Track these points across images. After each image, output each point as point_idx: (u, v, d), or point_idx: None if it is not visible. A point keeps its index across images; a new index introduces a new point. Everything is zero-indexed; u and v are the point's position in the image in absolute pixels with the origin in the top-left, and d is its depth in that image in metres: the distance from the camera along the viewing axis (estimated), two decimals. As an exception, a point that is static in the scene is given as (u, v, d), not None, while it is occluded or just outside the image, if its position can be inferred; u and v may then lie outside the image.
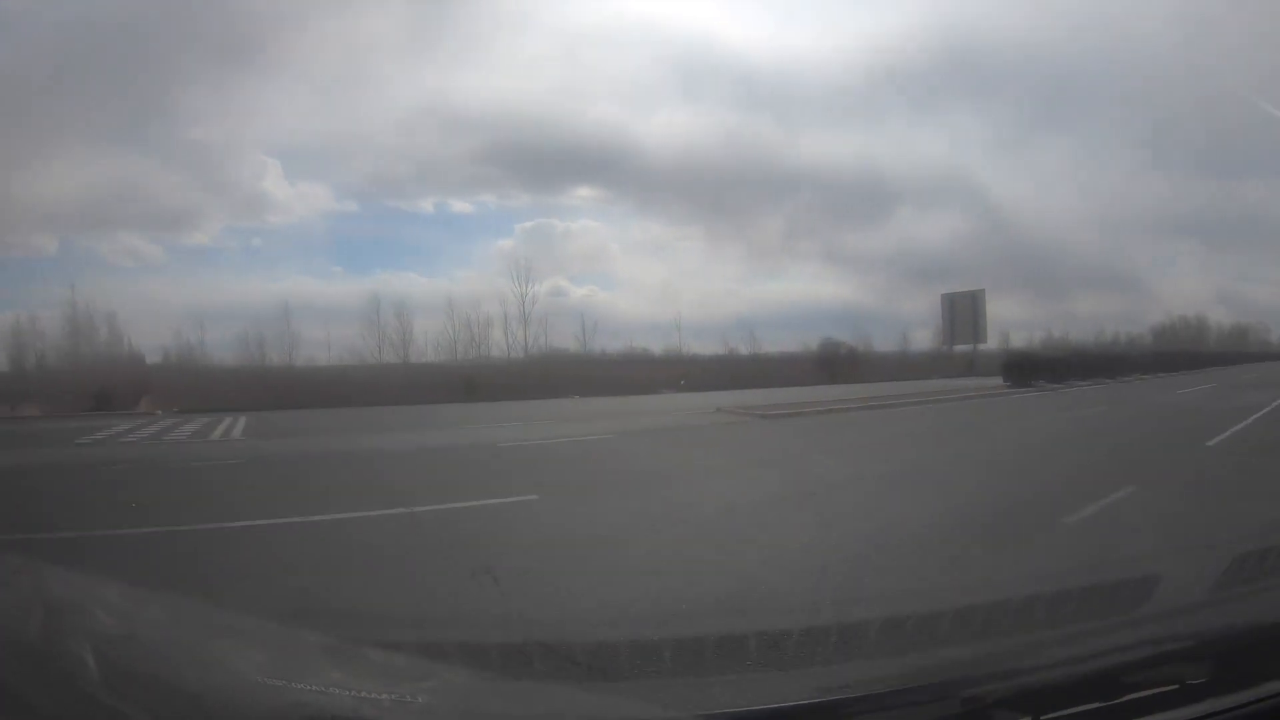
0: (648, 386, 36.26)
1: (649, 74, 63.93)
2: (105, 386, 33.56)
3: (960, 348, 39.67)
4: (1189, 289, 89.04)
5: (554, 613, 4.67)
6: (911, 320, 62.61)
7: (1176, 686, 1.82)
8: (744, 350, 50.98)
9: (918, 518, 7.30)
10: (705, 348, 52.01)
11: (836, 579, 5.19)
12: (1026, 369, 34.01)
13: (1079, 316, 72.31)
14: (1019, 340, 49.43)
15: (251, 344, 44.78)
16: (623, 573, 5.76)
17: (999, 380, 33.69)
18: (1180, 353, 54.61)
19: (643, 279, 62.70)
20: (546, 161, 61.45)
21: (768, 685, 3.03)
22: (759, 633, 3.62)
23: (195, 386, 36.29)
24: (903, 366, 46.51)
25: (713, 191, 64.34)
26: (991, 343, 43.84)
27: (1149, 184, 70.98)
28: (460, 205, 56.38)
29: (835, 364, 45.21)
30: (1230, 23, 64.62)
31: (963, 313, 32.59)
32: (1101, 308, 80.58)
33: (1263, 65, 66.23)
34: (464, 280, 58.07)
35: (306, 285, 58.91)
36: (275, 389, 34.86)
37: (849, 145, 67.06)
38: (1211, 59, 65.52)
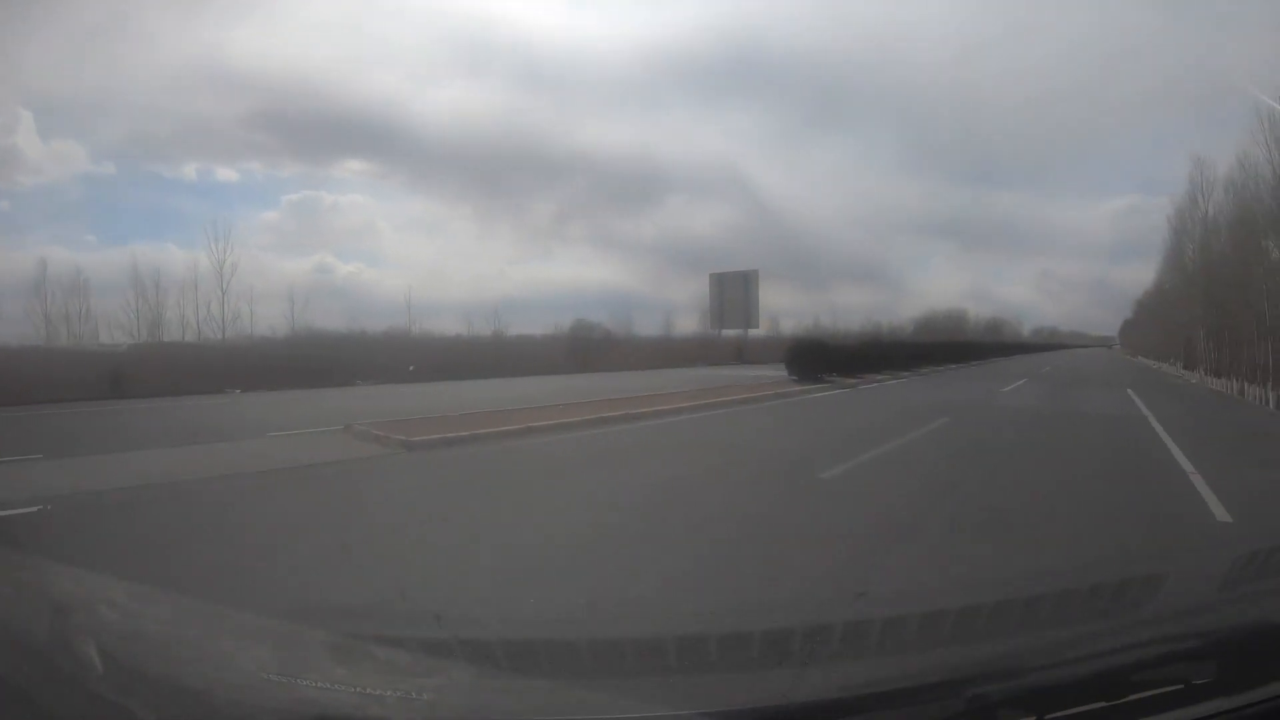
0: (371, 373, 28.23)
1: (433, 47, 62.19)
2: None
3: (729, 332, 35.60)
4: (945, 285, 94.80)
5: None
6: (680, 306, 63.96)
7: (1181, 686, 1.82)
8: (501, 333, 46.16)
9: None
10: (453, 329, 47.71)
11: None
12: (816, 360, 27.81)
13: (842, 307, 73.04)
14: (791, 327, 46.34)
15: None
16: None
17: (778, 371, 28.27)
18: (971, 344, 55.84)
19: (413, 258, 60.52)
20: (319, 131, 58.15)
21: (774, 682, 3.02)
22: (765, 631, 3.62)
23: None
24: (665, 352, 41.62)
25: (487, 171, 62.21)
26: (762, 329, 41.50)
27: (911, 187, 74.77)
28: (226, 173, 52.98)
29: (588, 348, 39.93)
30: (993, 48, 68.05)
31: (733, 295, 28.98)
32: (863, 300, 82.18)
33: (1021, 87, 70.57)
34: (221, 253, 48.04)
35: (57, 254, 51.39)
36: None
37: (626, 133, 67.33)
38: (974, 78, 69.01)
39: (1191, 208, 36.18)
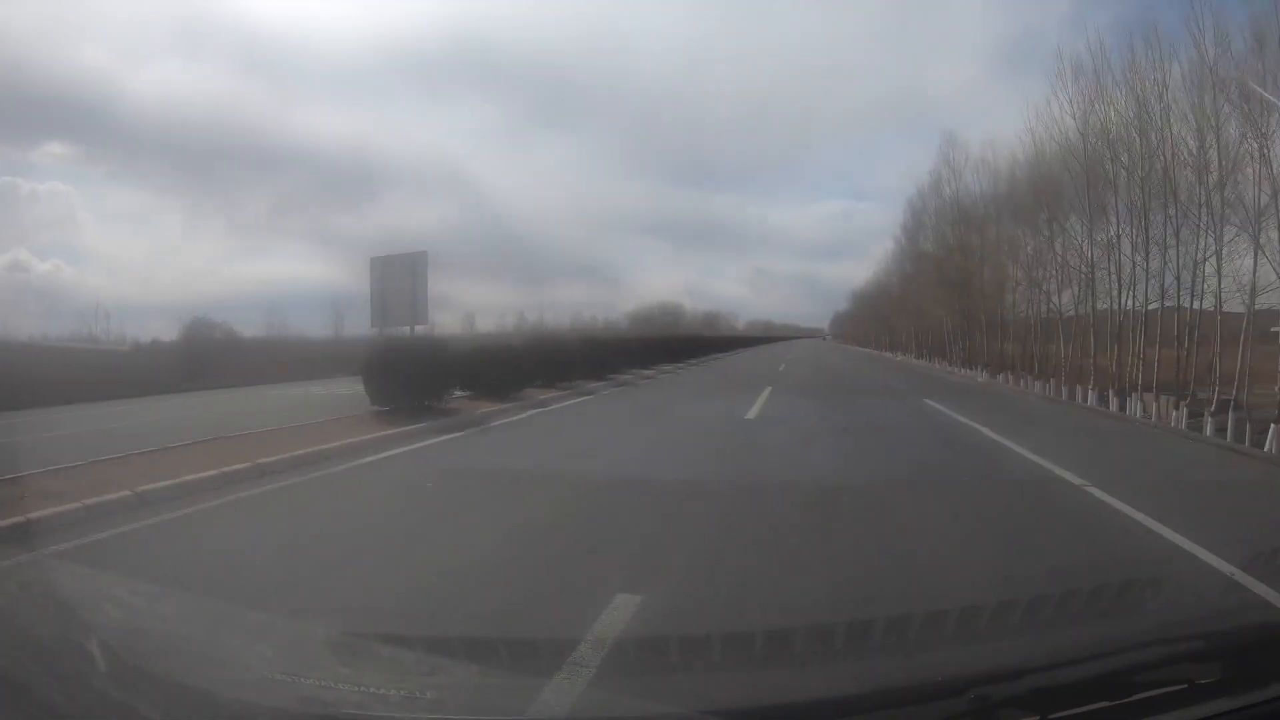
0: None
1: (145, 20, 54.93)
2: None
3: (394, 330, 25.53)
4: (663, 281, 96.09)
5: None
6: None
7: (1185, 686, 1.81)
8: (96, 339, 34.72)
9: None
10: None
11: None
12: (420, 376, 15.05)
13: (559, 304, 72.43)
14: (489, 325, 40.65)
15: None
16: None
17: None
18: (689, 338, 48.96)
19: (119, 254, 53.41)
20: (13, 108, 47.06)
21: (777, 681, 3.02)
22: (767, 630, 3.62)
23: None
24: (327, 357, 29.62)
25: (201, 160, 55.47)
26: (452, 324, 35.69)
27: (632, 187, 75.00)
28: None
29: (204, 357, 29.58)
30: (715, 59, 68.77)
31: (398, 284, 21.13)
32: (583, 297, 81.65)
33: (741, 97, 71.81)
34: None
35: None
36: None
37: (347, 124, 62.95)
38: (696, 86, 70.52)
39: (936, 187, 34.06)
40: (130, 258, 53.76)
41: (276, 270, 61.89)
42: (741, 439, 12.24)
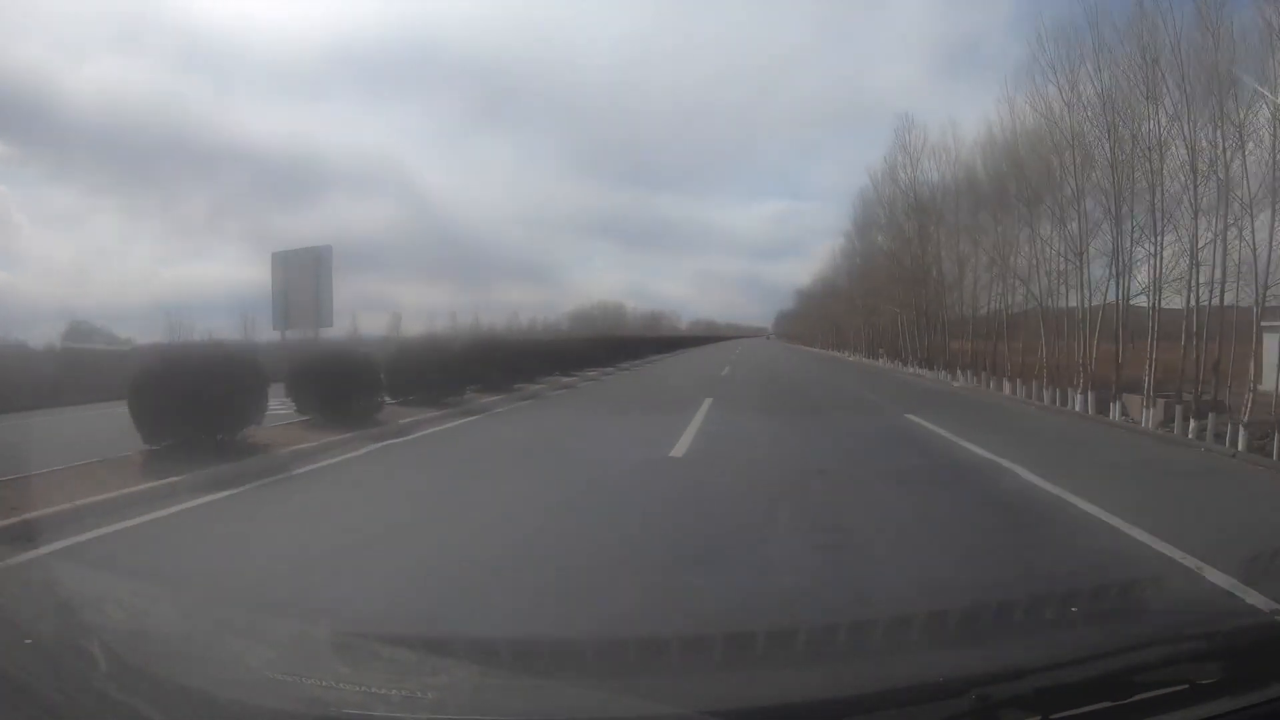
0: None
1: (84, 16, 53.30)
2: None
3: (296, 334, 19.84)
4: (606, 282, 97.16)
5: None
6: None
7: (1186, 686, 1.82)
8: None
9: None
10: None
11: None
12: (204, 395, 9.82)
13: (501, 304, 72.12)
14: (416, 328, 39.17)
15: None
16: None
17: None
18: (625, 339, 45.64)
19: (52, 257, 51.80)
20: None
21: (778, 681, 3.02)
22: (769, 630, 3.62)
23: None
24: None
25: (140, 160, 54.98)
26: (375, 328, 32.99)
27: (575, 188, 74.92)
28: None
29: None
30: (657, 60, 69.30)
31: (301, 282, 18.62)
32: (524, 297, 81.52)
33: (682, 98, 72.46)
34: None
35: None
36: None
37: (289, 124, 62.42)
38: (638, 87, 71.21)
39: (891, 174, 33.08)
40: (66, 261, 52.76)
41: (205, 274, 59.60)
42: (655, 506, 7.68)
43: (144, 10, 58.62)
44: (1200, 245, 15.49)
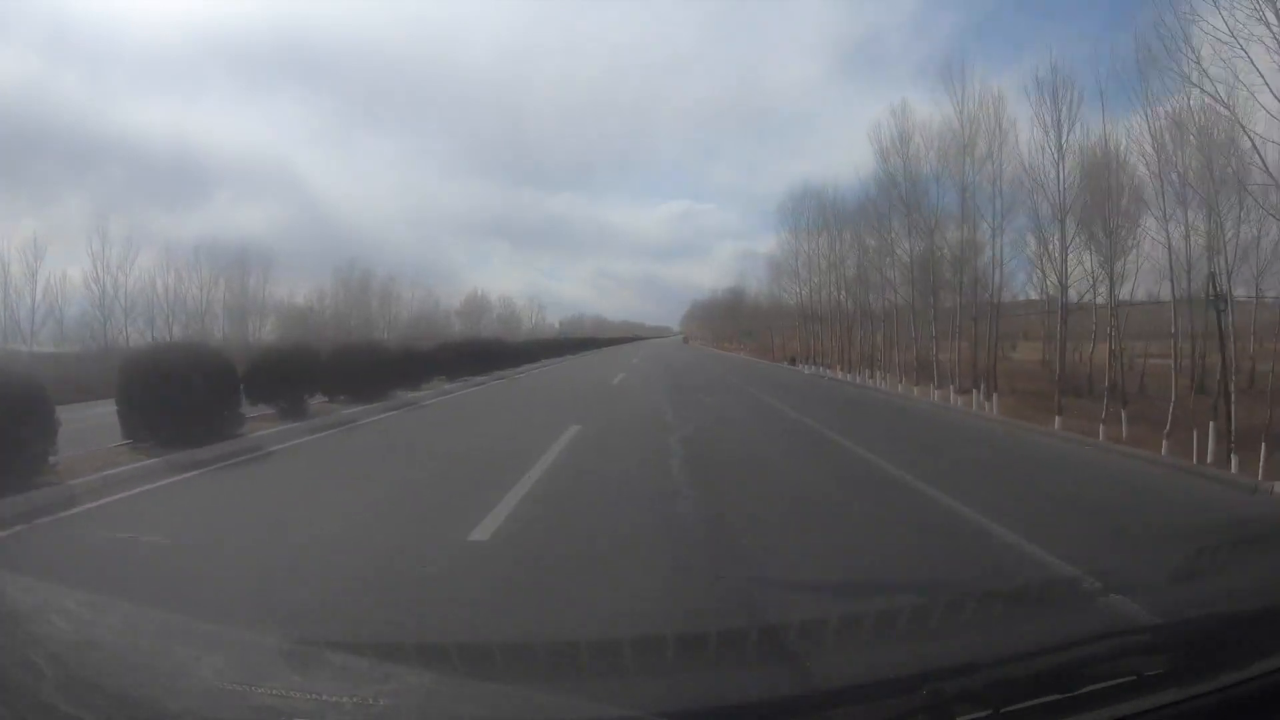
0: None
1: None
2: None
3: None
4: (501, 282, 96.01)
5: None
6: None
7: (1134, 678, 1.85)
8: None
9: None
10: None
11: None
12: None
13: (389, 307, 71.39)
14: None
15: None
16: None
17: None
18: (488, 344, 37.81)
19: None
20: None
21: (730, 681, 3.03)
22: (720, 631, 3.63)
23: None
24: None
25: (6, 155, 51.80)
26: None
27: (465, 189, 74.90)
28: None
29: None
30: (544, 57, 70.58)
31: None
32: (413, 298, 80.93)
33: (572, 95, 73.67)
34: None
35: None
36: None
37: (170, 118, 59.69)
38: (526, 84, 72.24)
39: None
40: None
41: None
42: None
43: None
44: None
